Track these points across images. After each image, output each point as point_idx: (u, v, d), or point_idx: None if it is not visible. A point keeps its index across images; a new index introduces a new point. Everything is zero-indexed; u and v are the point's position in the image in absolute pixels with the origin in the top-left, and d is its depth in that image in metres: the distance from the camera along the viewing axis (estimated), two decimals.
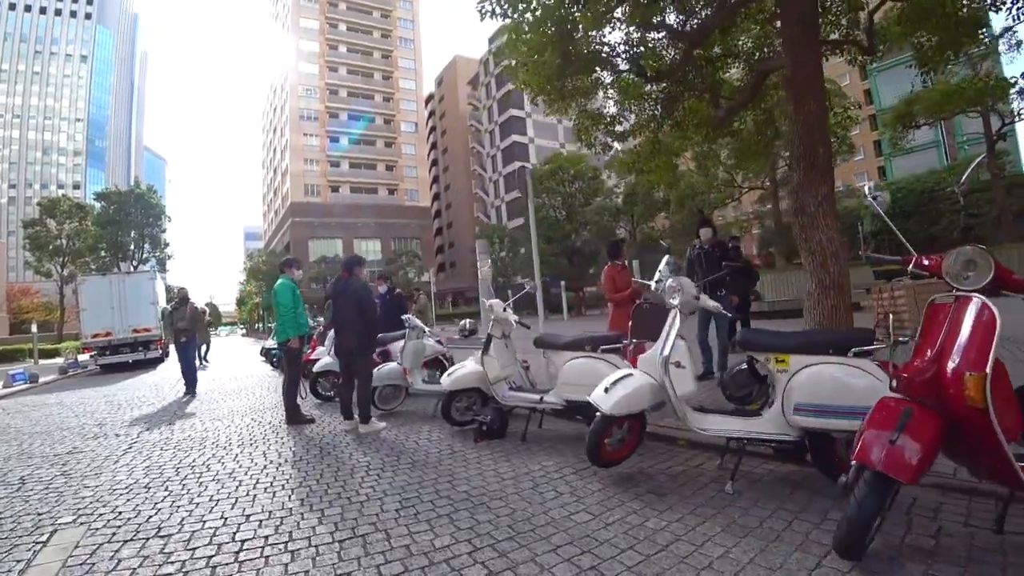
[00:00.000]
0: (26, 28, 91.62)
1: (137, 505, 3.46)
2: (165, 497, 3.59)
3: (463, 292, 58.88)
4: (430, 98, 77.67)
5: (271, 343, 16.27)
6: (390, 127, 64.92)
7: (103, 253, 37.35)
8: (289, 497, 3.46)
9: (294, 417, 5.84)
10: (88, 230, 37.26)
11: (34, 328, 23.89)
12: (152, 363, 16.94)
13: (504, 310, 4.98)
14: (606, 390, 3.37)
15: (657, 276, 3.90)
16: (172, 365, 15.31)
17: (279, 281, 6.01)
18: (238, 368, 14.92)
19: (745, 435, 3.21)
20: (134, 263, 37.89)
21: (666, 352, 3.40)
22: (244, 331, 71.99)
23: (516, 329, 5.12)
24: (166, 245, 40.70)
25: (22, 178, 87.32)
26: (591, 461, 3.45)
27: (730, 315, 3.68)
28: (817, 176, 5.46)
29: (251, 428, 5.81)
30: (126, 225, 38.15)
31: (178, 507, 3.38)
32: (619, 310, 5.68)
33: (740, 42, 9.79)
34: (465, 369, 4.98)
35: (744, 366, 3.45)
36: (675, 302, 3.47)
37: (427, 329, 6.27)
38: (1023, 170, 33.62)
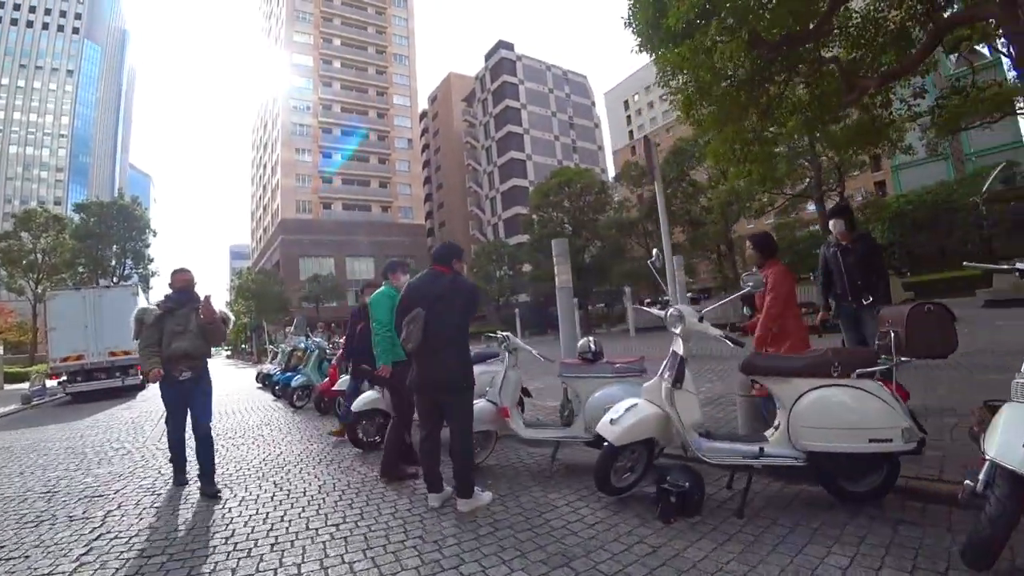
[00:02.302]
0: (11, 41, 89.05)
1: None
2: None
3: None
4: (424, 115, 76.26)
5: (270, 367, 14.14)
6: (384, 143, 63.30)
7: (81, 269, 34.76)
8: None
9: (390, 469, 4.13)
10: (65, 243, 34.66)
11: None
12: (130, 391, 14.64)
13: (701, 320, 3.15)
14: None
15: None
16: (152, 395, 12.80)
17: (378, 290, 4.46)
18: (234, 397, 12.62)
19: None
20: (115, 279, 35.32)
21: None
22: (228, 352, 68.73)
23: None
24: (150, 260, 38.17)
25: (1, 194, 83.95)
26: (978, 566, 1.96)
27: None
28: None
29: (280, 502, 3.81)
30: (107, 239, 35.65)
31: None
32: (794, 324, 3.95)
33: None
34: (640, 412, 3.10)
35: None
36: None
37: (533, 351, 4.38)
38: None
